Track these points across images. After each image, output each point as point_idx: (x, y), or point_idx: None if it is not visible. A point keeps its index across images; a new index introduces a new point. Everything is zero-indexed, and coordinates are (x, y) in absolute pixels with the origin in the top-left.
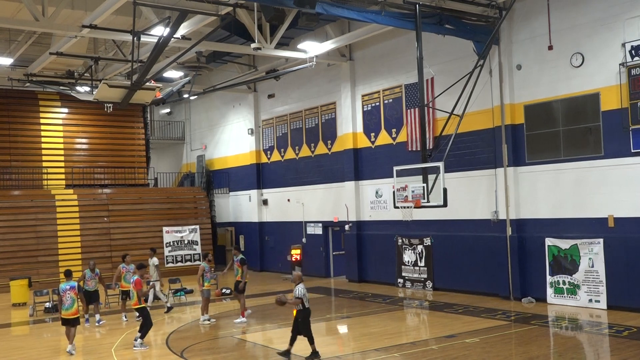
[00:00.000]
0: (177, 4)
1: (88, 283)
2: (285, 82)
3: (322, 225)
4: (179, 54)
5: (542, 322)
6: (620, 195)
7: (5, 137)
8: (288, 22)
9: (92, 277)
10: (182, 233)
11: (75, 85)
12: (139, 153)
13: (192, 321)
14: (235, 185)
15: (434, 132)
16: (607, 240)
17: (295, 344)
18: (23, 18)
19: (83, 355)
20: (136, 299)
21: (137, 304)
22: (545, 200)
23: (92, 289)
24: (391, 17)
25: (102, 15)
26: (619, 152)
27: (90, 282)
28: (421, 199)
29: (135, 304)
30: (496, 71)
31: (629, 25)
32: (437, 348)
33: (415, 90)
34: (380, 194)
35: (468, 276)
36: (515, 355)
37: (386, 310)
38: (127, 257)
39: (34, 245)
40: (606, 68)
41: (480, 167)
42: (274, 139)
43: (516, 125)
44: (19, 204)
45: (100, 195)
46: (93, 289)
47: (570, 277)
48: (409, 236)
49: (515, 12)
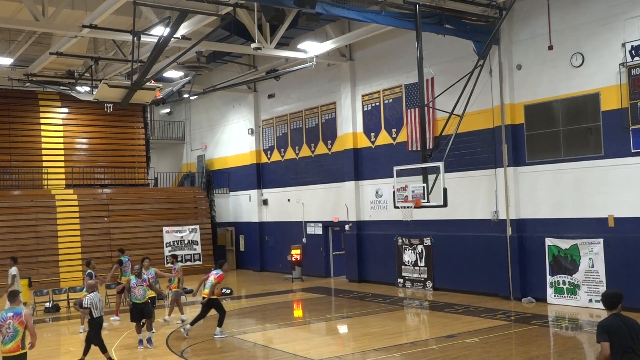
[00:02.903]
0: (177, 4)
1: (135, 291)
2: (285, 82)
3: (322, 225)
4: (179, 54)
5: (542, 322)
6: (620, 195)
7: (5, 137)
8: (288, 22)
9: (138, 284)
10: (182, 233)
11: (75, 85)
12: (139, 153)
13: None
14: (235, 185)
15: (434, 132)
16: (607, 240)
17: (295, 344)
18: (23, 18)
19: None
20: (210, 289)
21: (208, 294)
22: (545, 200)
23: (142, 299)
24: (391, 17)
25: (102, 15)
26: (619, 152)
27: (138, 289)
28: (421, 199)
29: (207, 294)
30: (496, 71)
31: (629, 25)
32: (437, 348)
33: (416, 90)
34: (380, 194)
35: (468, 276)
36: (515, 355)
37: (386, 310)
38: (145, 261)
39: (34, 245)
40: (606, 68)
41: (480, 167)
42: (274, 139)
43: (516, 125)
44: (19, 204)
45: (100, 195)
46: (143, 300)
47: (570, 277)
48: (409, 236)
49: (515, 12)
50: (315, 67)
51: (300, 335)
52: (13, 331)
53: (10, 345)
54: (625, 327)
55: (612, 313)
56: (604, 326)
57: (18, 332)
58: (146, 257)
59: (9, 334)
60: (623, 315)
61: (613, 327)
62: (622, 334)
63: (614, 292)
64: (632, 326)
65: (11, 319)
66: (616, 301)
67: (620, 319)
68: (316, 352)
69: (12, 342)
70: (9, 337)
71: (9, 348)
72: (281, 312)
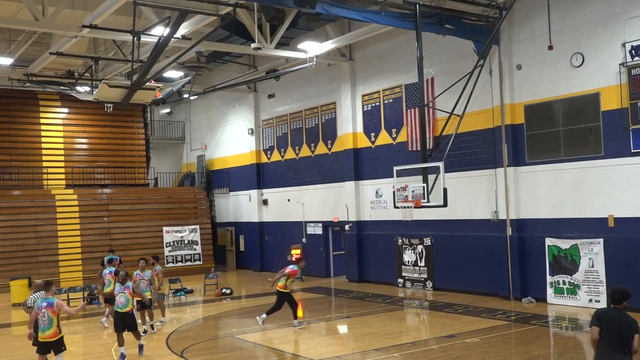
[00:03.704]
0: (177, 4)
1: (117, 299)
2: (285, 82)
3: (322, 225)
4: (179, 54)
5: (542, 322)
6: (620, 195)
7: (5, 137)
8: (288, 22)
9: (120, 291)
10: (182, 233)
11: (75, 85)
12: (139, 153)
13: (192, 321)
14: (235, 185)
15: (434, 132)
16: (607, 240)
17: (295, 344)
18: (23, 18)
19: (82, 355)
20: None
21: (282, 287)
22: (545, 200)
23: (123, 307)
24: (391, 17)
25: (102, 15)
26: (619, 152)
27: (119, 297)
28: (421, 199)
29: (281, 287)
30: (496, 71)
31: (629, 25)
32: (437, 348)
33: (416, 90)
34: (380, 194)
35: (468, 276)
36: (515, 355)
37: (386, 310)
38: (140, 262)
39: (34, 245)
40: (606, 68)
41: (480, 167)
42: (274, 139)
43: (516, 125)
44: (19, 204)
45: (100, 195)
46: (124, 309)
47: (570, 277)
48: (409, 236)
49: (515, 12)
50: (315, 67)
51: (300, 335)
52: (48, 319)
53: (49, 331)
54: (619, 321)
55: (614, 306)
56: (598, 314)
57: (52, 320)
58: (142, 258)
59: (44, 322)
60: (624, 312)
61: (606, 316)
62: (612, 325)
63: (622, 289)
64: (628, 324)
65: (45, 308)
66: (621, 298)
67: (618, 312)
68: (316, 352)
69: (51, 329)
70: (46, 324)
71: (49, 334)
72: (281, 312)
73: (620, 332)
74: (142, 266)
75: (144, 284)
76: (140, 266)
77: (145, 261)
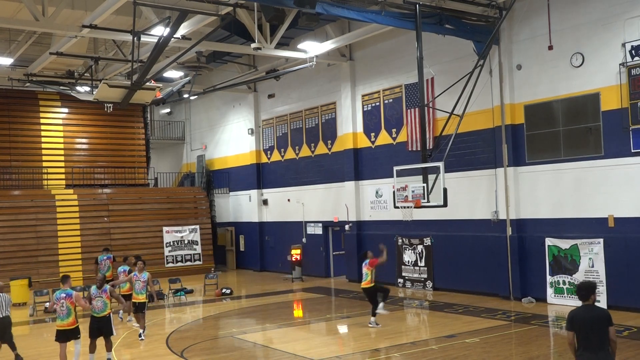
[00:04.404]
0: (177, 4)
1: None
2: (285, 82)
3: (322, 225)
4: (179, 54)
5: (542, 322)
6: (620, 195)
7: (5, 137)
8: (288, 22)
9: (97, 295)
10: (182, 233)
11: (75, 85)
12: (139, 153)
13: (192, 321)
14: (235, 185)
15: (434, 132)
16: (607, 240)
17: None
18: (23, 18)
19: (82, 355)
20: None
21: (368, 283)
22: (545, 200)
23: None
24: (391, 17)
25: (102, 15)
26: (619, 152)
27: (97, 301)
28: (421, 199)
29: (367, 283)
30: (496, 71)
31: (629, 25)
32: (437, 348)
33: (416, 90)
34: (380, 194)
35: (468, 276)
36: (515, 355)
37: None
38: (139, 262)
39: (34, 245)
40: (606, 68)
41: (480, 167)
42: (274, 139)
43: (516, 125)
44: (19, 204)
45: (100, 195)
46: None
47: (570, 277)
48: (409, 236)
49: (515, 12)
50: (315, 67)
51: (300, 335)
52: (66, 309)
53: (67, 320)
54: (590, 318)
55: (584, 304)
56: (570, 316)
57: (70, 310)
58: (138, 257)
59: (63, 311)
60: (594, 307)
61: (577, 317)
62: (585, 324)
63: (586, 284)
64: (599, 318)
65: (64, 299)
66: (586, 294)
67: (588, 309)
68: (316, 352)
69: (69, 318)
70: (64, 314)
71: (68, 322)
72: (281, 312)
73: (594, 328)
74: (141, 267)
75: (140, 286)
76: (139, 267)
77: (142, 262)
